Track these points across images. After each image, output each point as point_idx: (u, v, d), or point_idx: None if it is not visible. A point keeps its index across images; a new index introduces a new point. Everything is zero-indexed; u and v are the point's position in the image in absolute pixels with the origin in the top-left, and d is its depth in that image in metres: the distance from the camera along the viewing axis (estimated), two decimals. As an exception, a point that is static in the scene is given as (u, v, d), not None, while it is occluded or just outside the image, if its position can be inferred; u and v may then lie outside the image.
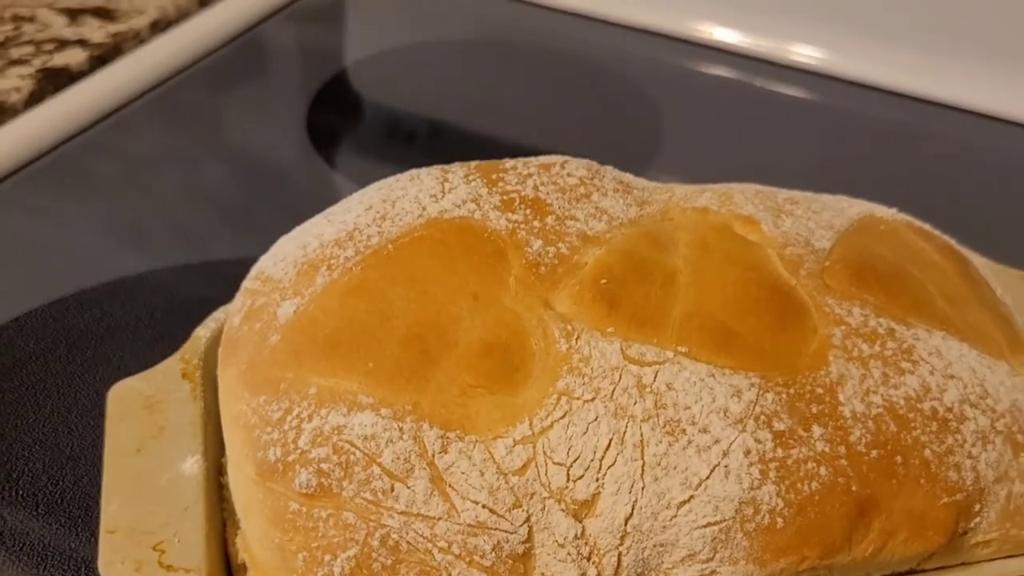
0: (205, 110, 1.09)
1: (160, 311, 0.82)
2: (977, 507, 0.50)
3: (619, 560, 0.47)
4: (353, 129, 1.12)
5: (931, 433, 0.50)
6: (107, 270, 0.86)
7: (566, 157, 0.60)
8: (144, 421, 0.55)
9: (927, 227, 0.62)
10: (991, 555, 0.51)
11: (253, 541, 0.50)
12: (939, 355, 0.52)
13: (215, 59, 1.14)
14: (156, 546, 0.50)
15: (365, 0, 1.33)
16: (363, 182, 0.60)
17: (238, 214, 0.95)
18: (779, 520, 0.47)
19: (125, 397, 0.56)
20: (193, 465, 0.53)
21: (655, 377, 0.49)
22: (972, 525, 0.50)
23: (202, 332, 0.60)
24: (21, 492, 0.66)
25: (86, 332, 0.81)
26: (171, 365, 0.58)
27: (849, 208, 0.60)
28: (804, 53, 1.14)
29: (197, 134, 1.06)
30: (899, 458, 0.49)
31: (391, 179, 0.58)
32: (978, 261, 0.65)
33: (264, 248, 0.59)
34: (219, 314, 0.60)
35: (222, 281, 0.62)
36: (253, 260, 0.58)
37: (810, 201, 0.60)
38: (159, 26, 1.13)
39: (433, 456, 0.47)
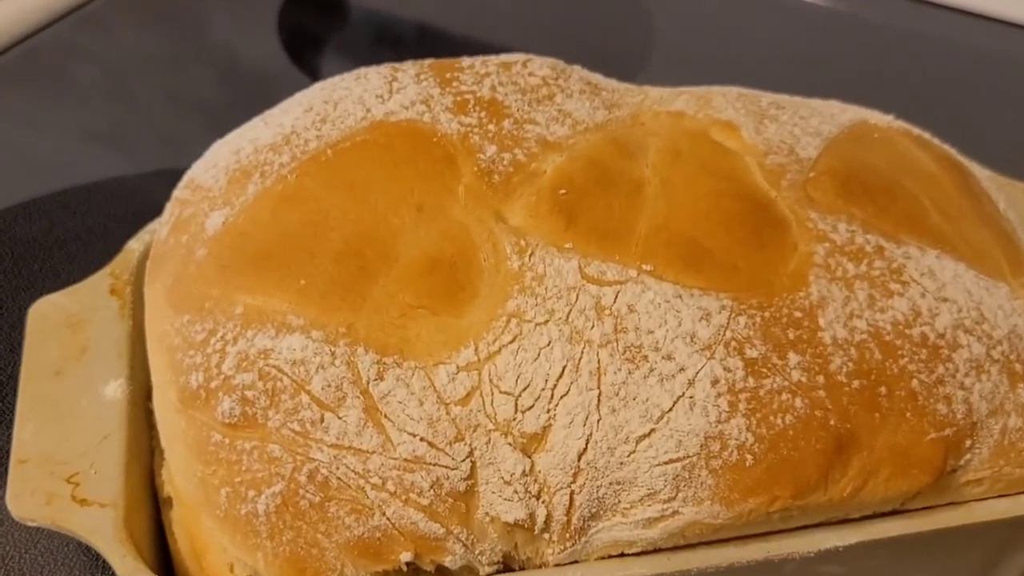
0: (180, 9, 1.04)
1: (113, 221, 0.78)
2: (968, 443, 0.45)
3: (571, 499, 0.43)
4: (338, 32, 1.07)
5: (920, 362, 0.45)
6: (59, 177, 0.81)
7: (529, 55, 0.54)
8: (66, 341, 0.51)
9: (925, 135, 0.57)
10: (982, 494, 0.47)
11: (177, 473, 0.46)
12: (932, 276, 0.47)
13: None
14: (70, 478, 0.46)
15: None
16: None
17: (207, 118, 0.91)
18: (748, 457, 0.43)
19: (47, 315, 0.52)
20: (116, 389, 0.49)
21: (615, 298, 0.44)
22: (962, 462, 0.46)
23: (135, 245, 0.55)
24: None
25: (34, 244, 0.76)
26: (99, 280, 0.53)
27: (841, 114, 0.55)
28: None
29: (171, 34, 1.01)
30: (883, 389, 0.44)
31: (336, 78, 0.53)
32: (981, 174, 0.59)
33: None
34: (154, 225, 0.56)
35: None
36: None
37: (797, 106, 0.54)
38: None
39: (368, 383, 0.42)
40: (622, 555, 0.44)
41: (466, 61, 0.53)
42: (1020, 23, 1.00)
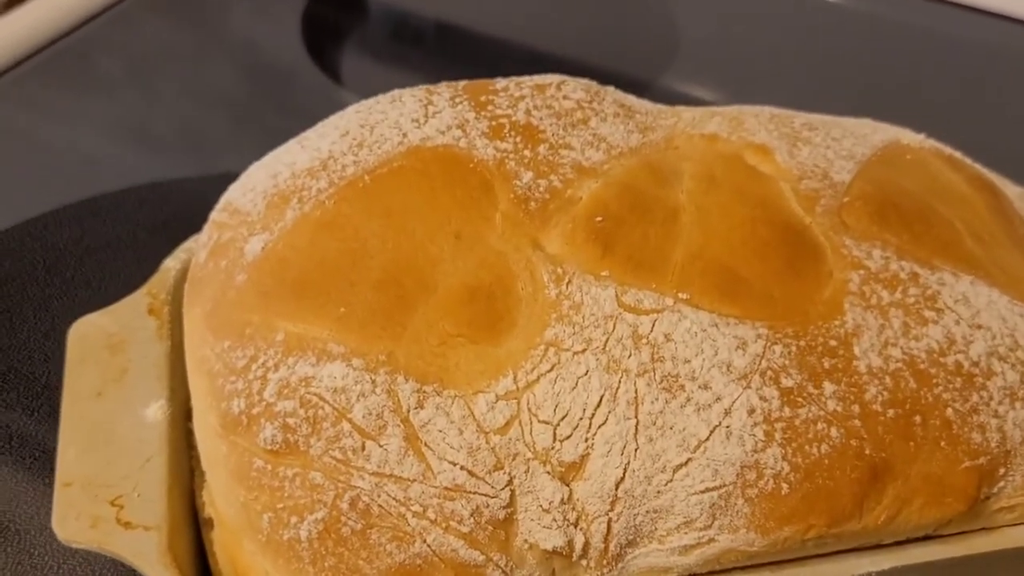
0: (205, 6, 1.04)
1: (143, 229, 0.79)
2: (1002, 471, 0.46)
3: (609, 526, 0.43)
4: (358, 28, 1.07)
5: (954, 390, 0.45)
6: (90, 180, 0.82)
7: (564, 77, 0.55)
8: (106, 362, 0.51)
9: (957, 155, 0.57)
10: (1015, 520, 0.47)
11: (218, 496, 0.46)
12: (966, 302, 0.48)
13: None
14: (114, 501, 0.46)
15: None
16: (365, 85, 0.55)
17: (231, 112, 0.91)
18: (784, 486, 0.43)
19: (87, 336, 0.52)
20: (157, 411, 0.49)
21: (652, 327, 0.45)
22: (995, 490, 0.46)
23: (171, 264, 0.56)
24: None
25: (65, 252, 0.77)
26: (137, 300, 0.54)
27: (873, 135, 0.55)
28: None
29: (197, 31, 1.02)
30: (918, 418, 0.45)
31: (371, 100, 0.53)
32: (1013, 191, 0.60)
33: (260, 156, 0.54)
34: (190, 243, 0.56)
35: (206, 198, 0.57)
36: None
37: (830, 127, 0.55)
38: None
39: (408, 412, 0.43)
40: (658, 580, 0.45)
41: (500, 83, 0.54)
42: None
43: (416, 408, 0.43)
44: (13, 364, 0.68)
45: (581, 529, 0.43)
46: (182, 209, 0.80)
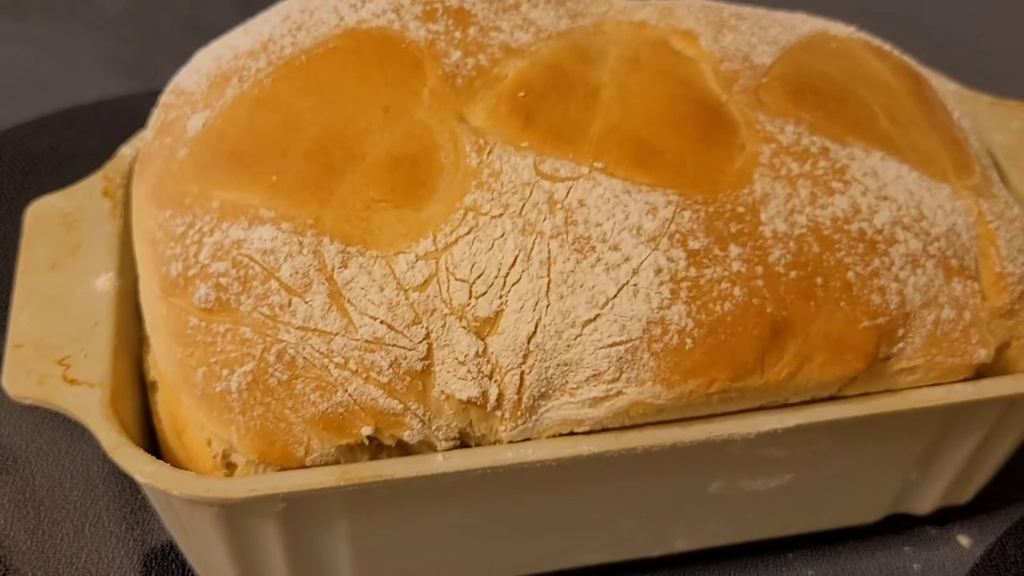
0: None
1: (121, 138, 0.81)
2: (901, 332, 0.48)
3: (521, 378, 0.46)
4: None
5: (856, 255, 0.47)
6: (69, 97, 0.84)
7: (500, -33, 0.56)
8: (61, 239, 0.54)
9: (886, 47, 0.58)
10: (916, 382, 0.49)
11: (160, 357, 0.49)
12: (874, 175, 0.49)
13: None
14: (62, 360, 0.49)
15: None
16: None
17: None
18: (688, 341, 0.45)
19: (43, 215, 0.55)
20: (106, 282, 0.52)
21: (568, 193, 0.47)
22: (895, 350, 0.48)
23: (127, 150, 0.58)
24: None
25: (43, 158, 0.80)
26: (93, 183, 0.57)
27: (802, 25, 0.57)
28: None
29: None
30: (819, 280, 0.47)
31: (314, -11, 0.55)
32: (946, 86, 0.61)
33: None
34: (145, 132, 0.58)
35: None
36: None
37: (759, 16, 0.56)
38: None
39: (332, 271, 0.45)
40: (572, 434, 0.47)
41: (439, -29, 0.56)
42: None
43: (340, 267, 0.45)
44: (-10, 260, 0.71)
45: (495, 381, 0.46)
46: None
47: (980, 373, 0.51)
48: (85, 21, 0.96)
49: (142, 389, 0.52)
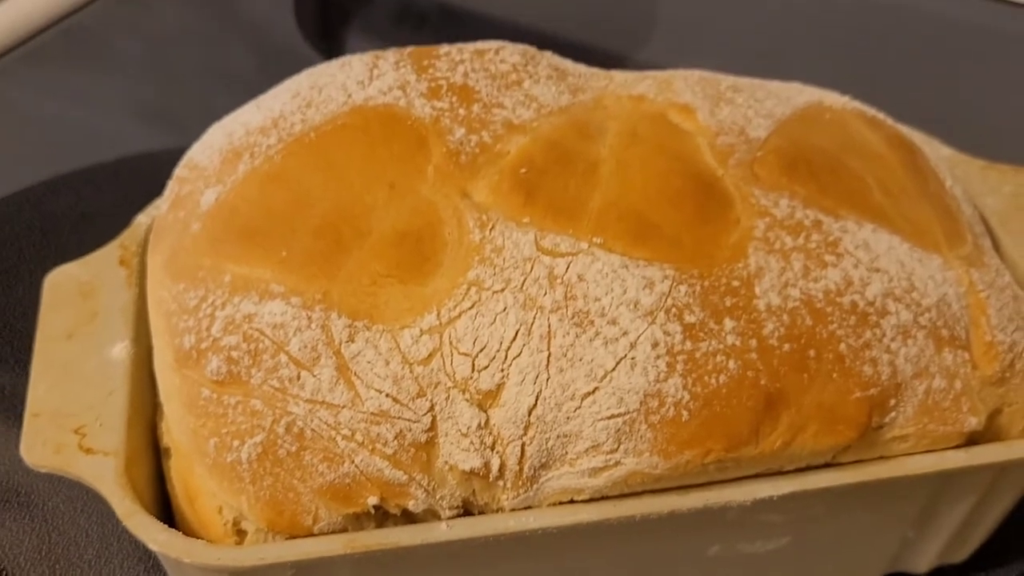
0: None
1: (141, 196, 0.83)
2: (892, 402, 0.49)
3: (523, 450, 0.47)
4: (364, 10, 1.11)
5: (848, 327, 0.49)
6: (89, 152, 0.86)
7: (503, 43, 0.58)
8: (78, 307, 0.55)
9: (879, 116, 0.60)
10: (909, 450, 0.51)
11: (173, 425, 0.51)
12: (866, 248, 0.51)
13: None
14: (78, 429, 0.50)
15: None
16: None
17: (235, 91, 0.95)
18: (684, 413, 0.47)
19: (61, 284, 0.57)
20: (122, 351, 0.54)
21: (567, 268, 0.48)
22: (887, 420, 0.49)
23: (142, 219, 0.60)
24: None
25: (62, 218, 0.81)
26: (110, 251, 0.58)
27: (796, 96, 0.59)
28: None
29: (206, 13, 1.06)
30: (812, 352, 0.48)
31: (323, 65, 0.57)
32: (940, 152, 0.63)
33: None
34: (160, 201, 0.60)
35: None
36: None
37: (755, 88, 0.58)
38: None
39: (340, 345, 0.47)
40: (572, 502, 0.49)
41: (443, 48, 0.57)
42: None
43: (347, 341, 0.47)
44: (8, 321, 0.73)
45: (497, 452, 0.47)
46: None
47: (972, 439, 0.52)
48: (104, 66, 0.98)
49: (155, 454, 0.54)
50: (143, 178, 0.84)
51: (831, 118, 0.57)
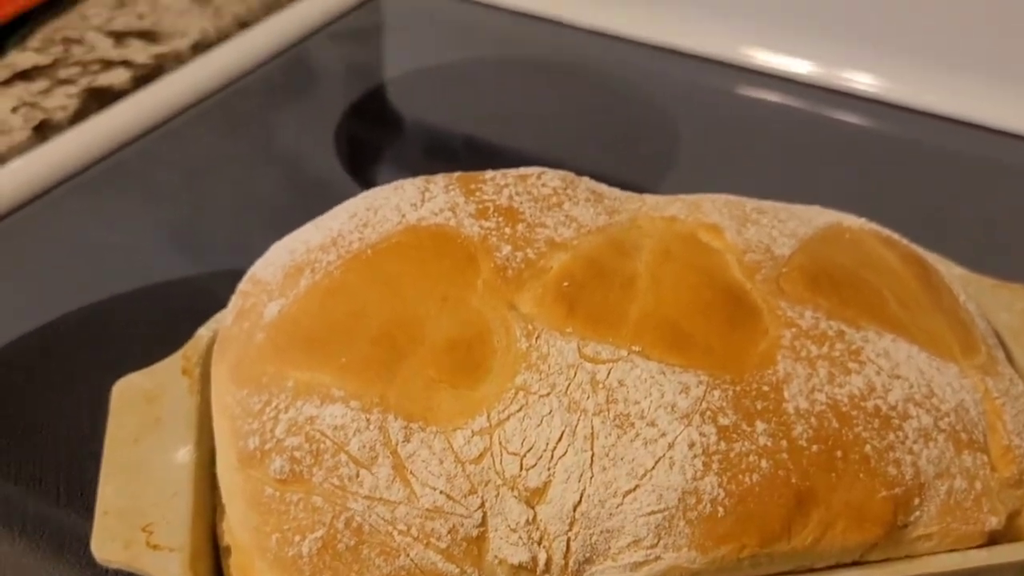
0: (245, 124, 1.14)
1: (185, 317, 0.87)
2: (916, 501, 0.52)
3: (568, 544, 0.50)
4: (391, 144, 1.16)
5: (873, 430, 0.52)
6: (140, 275, 0.91)
7: (544, 169, 0.63)
8: (143, 413, 0.59)
9: (894, 236, 0.64)
10: (933, 548, 0.53)
11: (235, 524, 0.54)
12: (887, 356, 0.54)
13: (252, 77, 1.19)
14: (145, 527, 0.53)
15: (402, 20, 1.37)
16: None
17: (277, 223, 1.00)
18: (720, 509, 0.50)
19: (127, 391, 0.60)
20: (185, 454, 0.57)
21: (608, 374, 0.52)
22: (912, 519, 0.52)
23: (204, 332, 0.64)
24: (45, 485, 0.71)
25: (116, 333, 0.85)
26: (173, 362, 0.62)
27: (817, 217, 0.63)
28: (841, 76, 1.16)
29: (241, 145, 1.11)
30: (839, 453, 0.51)
31: (377, 189, 0.62)
32: (952, 271, 0.67)
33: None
34: (221, 315, 0.64)
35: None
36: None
37: (778, 211, 0.62)
38: (200, 47, 1.18)
39: (396, 445, 0.50)
40: (614, 596, 0.51)
41: (488, 174, 0.62)
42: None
43: (403, 442, 0.50)
44: (67, 423, 0.76)
45: (544, 547, 0.50)
46: (218, 299, 0.88)
47: (994, 539, 0.54)
48: (148, 196, 1.03)
49: (216, 553, 0.57)
50: (184, 298, 0.89)
51: (850, 237, 0.61)
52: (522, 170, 0.63)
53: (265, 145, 1.13)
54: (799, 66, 1.17)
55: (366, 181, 1.04)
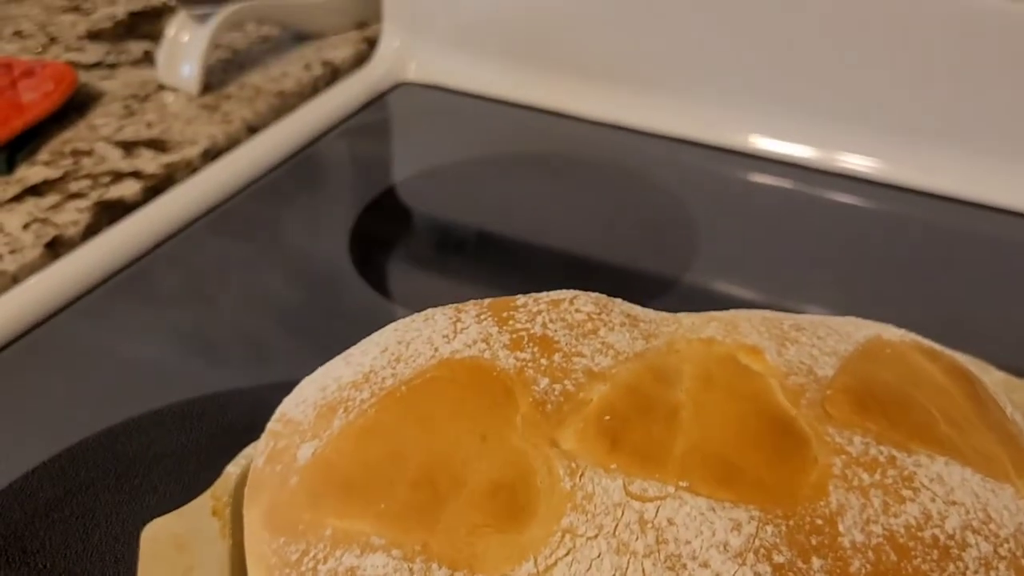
0: (258, 228, 1.14)
1: (205, 437, 0.86)
2: (981, 634, 0.50)
3: None
4: (403, 240, 1.16)
5: (932, 561, 0.50)
6: (156, 392, 0.90)
7: (576, 292, 0.62)
8: (174, 561, 0.57)
9: (936, 347, 0.63)
10: None
11: (274, 677, 0.52)
12: (941, 481, 0.53)
13: (263, 182, 1.18)
14: None
15: (411, 117, 1.37)
16: (409, 293, 0.62)
17: (288, 327, 0.99)
18: (781, 653, 0.48)
19: (157, 537, 0.59)
20: (220, 604, 0.55)
21: (656, 512, 0.50)
22: (977, 652, 0.50)
23: (232, 469, 0.62)
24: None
25: (135, 460, 0.84)
26: (202, 503, 0.61)
27: (856, 332, 0.61)
28: (849, 160, 1.16)
29: (252, 248, 1.11)
30: (900, 588, 0.50)
31: (407, 319, 0.61)
32: (994, 376, 0.65)
33: (313, 368, 0.62)
34: (249, 450, 0.63)
35: (262, 407, 0.64)
36: (294, 384, 0.62)
37: (816, 326, 0.61)
38: (210, 154, 1.18)
39: (442, 596, 0.49)
40: None
41: (520, 300, 0.61)
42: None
43: (449, 592, 0.49)
44: (86, 567, 0.75)
45: None
46: (239, 418, 0.87)
47: (1060, 667, 0.53)
48: (151, 304, 1.02)
49: None
50: (208, 419, 0.88)
51: (891, 352, 0.60)
52: (554, 294, 0.62)
53: (278, 248, 1.13)
54: (803, 151, 1.17)
55: (378, 282, 1.04)
